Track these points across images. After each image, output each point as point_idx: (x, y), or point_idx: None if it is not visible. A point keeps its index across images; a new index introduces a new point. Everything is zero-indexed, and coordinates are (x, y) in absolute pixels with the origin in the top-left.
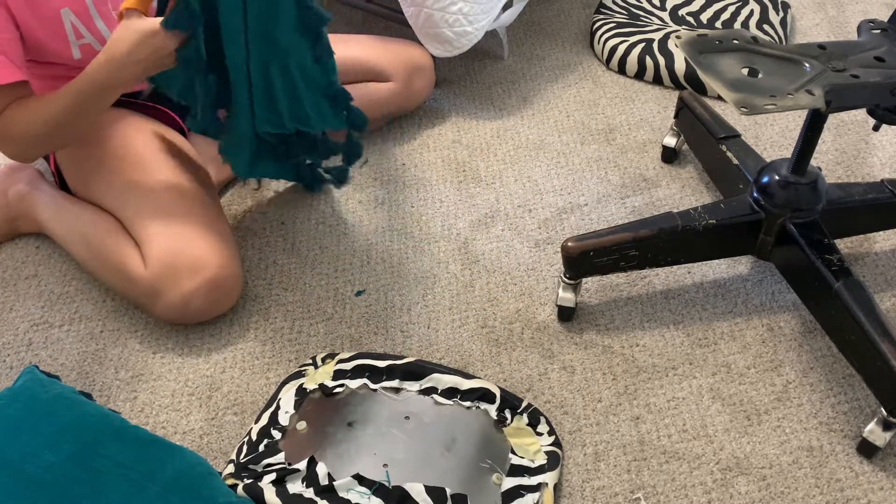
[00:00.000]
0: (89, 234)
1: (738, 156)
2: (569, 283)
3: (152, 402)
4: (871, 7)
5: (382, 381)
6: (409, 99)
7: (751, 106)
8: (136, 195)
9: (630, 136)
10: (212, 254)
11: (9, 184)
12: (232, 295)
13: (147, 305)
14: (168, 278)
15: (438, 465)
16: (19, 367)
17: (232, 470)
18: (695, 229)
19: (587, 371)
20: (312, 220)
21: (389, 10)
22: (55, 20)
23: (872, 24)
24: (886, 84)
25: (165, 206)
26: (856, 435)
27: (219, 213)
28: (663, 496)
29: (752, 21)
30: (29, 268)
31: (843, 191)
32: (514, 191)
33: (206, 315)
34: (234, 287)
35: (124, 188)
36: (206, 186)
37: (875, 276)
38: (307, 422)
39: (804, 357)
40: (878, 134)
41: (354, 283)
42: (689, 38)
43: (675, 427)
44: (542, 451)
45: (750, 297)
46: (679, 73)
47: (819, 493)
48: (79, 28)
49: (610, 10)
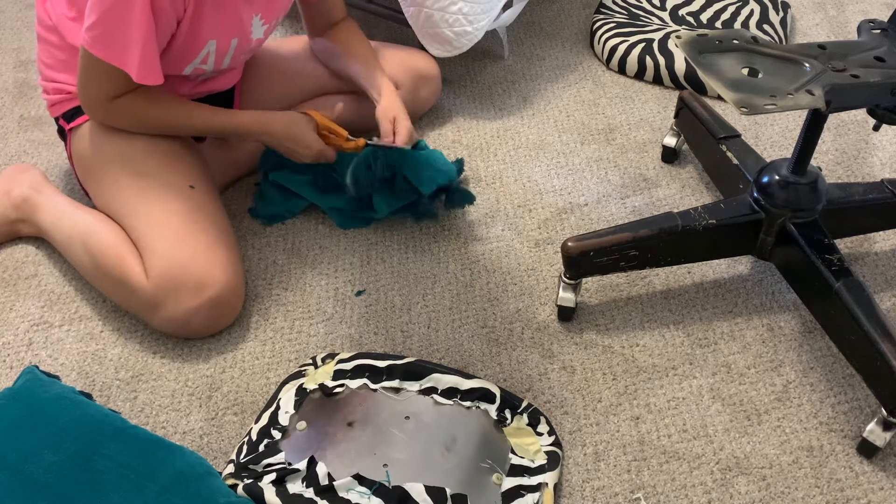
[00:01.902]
0: (90, 243)
1: (738, 156)
2: (569, 283)
3: (152, 402)
4: (871, 7)
5: (382, 381)
6: (415, 107)
7: (751, 106)
8: (143, 202)
9: (630, 136)
10: (217, 271)
11: (13, 185)
12: (234, 312)
13: (146, 317)
14: (170, 293)
15: (438, 465)
16: (19, 367)
17: (232, 470)
18: (695, 229)
19: (587, 371)
20: (312, 220)
21: (389, 10)
22: (199, 45)
23: (872, 24)
24: (886, 84)
25: (173, 217)
26: (856, 435)
27: (226, 223)
28: (663, 496)
29: (752, 21)
30: (29, 268)
31: (843, 191)
32: (514, 191)
33: (207, 332)
34: (237, 304)
35: (133, 194)
36: (214, 195)
37: (875, 276)
38: (307, 422)
39: (804, 357)
40: (878, 134)
41: (354, 283)
42: (689, 38)
43: (675, 427)
44: (542, 451)
45: (750, 297)
46: (679, 73)
47: (819, 493)
48: (209, 59)
49: (610, 10)
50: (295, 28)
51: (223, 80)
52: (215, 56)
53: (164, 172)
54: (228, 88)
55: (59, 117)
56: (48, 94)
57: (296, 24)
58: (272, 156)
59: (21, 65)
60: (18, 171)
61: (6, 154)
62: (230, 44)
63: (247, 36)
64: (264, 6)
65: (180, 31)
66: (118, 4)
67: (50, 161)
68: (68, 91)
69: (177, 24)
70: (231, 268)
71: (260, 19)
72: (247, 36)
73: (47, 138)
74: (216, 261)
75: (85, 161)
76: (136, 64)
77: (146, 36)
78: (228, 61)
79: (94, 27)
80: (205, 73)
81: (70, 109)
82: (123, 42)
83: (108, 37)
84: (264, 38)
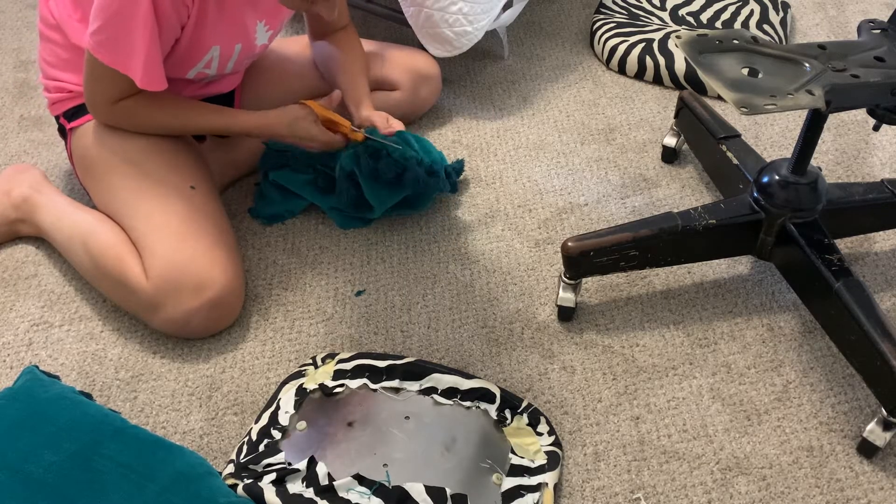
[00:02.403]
0: (90, 244)
1: (738, 156)
2: (569, 283)
3: (152, 402)
4: (871, 7)
5: (382, 381)
6: (414, 107)
7: (751, 106)
8: (143, 202)
9: (630, 136)
10: (217, 272)
11: (13, 185)
12: (233, 314)
13: (146, 317)
14: (170, 294)
15: (438, 465)
16: (19, 367)
17: (232, 470)
18: (695, 229)
19: (587, 371)
20: (312, 220)
21: (389, 10)
22: (203, 51)
23: (872, 24)
24: (886, 84)
25: (173, 217)
26: (856, 435)
27: (226, 224)
28: (663, 496)
29: (752, 21)
30: (29, 268)
31: (843, 191)
32: (514, 191)
33: (207, 332)
34: (237, 305)
35: (132, 194)
36: (214, 195)
37: (875, 276)
38: (307, 422)
39: (804, 357)
40: (878, 134)
41: (354, 283)
42: (689, 38)
43: (675, 427)
44: (542, 451)
45: (750, 297)
46: (679, 73)
47: (819, 493)
48: (213, 63)
49: (610, 10)
50: (296, 28)
51: (226, 83)
52: (219, 61)
53: (165, 172)
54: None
55: (60, 116)
56: (49, 93)
57: (295, 24)
58: (273, 156)
59: (21, 65)
60: (18, 171)
61: (6, 154)
62: (234, 49)
63: (251, 42)
64: (269, 13)
65: (184, 37)
66: (122, 10)
67: (50, 161)
68: (70, 90)
69: (181, 29)
70: (231, 268)
71: (264, 25)
72: (251, 42)
73: (47, 138)
74: (216, 262)
75: (85, 160)
76: (140, 70)
77: (150, 42)
78: (232, 66)
79: (98, 32)
80: (208, 77)
81: (71, 108)
82: (127, 48)
83: (112, 42)
84: (269, 44)
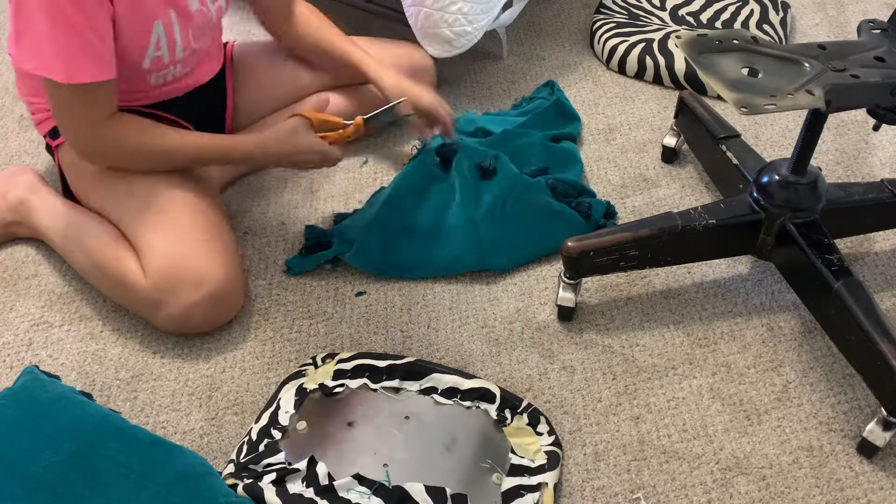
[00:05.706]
0: (87, 244)
1: (738, 156)
2: (569, 282)
3: (152, 402)
4: (871, 7)
5: (382, 381)
6: None
7: (751, 106)
8: (138, 202)
9: (630, 136)
10: (215, 267)
11: (9, 187)
12: (234, 307)
13: (147, 315)
14: (169, 290)
15: (438, 465)
16: (19, 367)
17: (232, 470)
18: (695, 229)
19: (587, 371)
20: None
21: (389, 9)
22: (146, 31)
23: (872, 24)
24: (886, 84)
25: (168, 215)
26: (856, 435)
27: (223, 221)
28: (663, 496)
29: (752, 21)
30: (29, 268)
31: (843, 191)
32: None
33: (208, 327)
34: (237, 300)
35: (126, 194)
36: (210, 194)
37: (875, 276)
38: (307, 422)
39: (804, 357)
40: (878, 134)
41: (354, 283)
42: (689, 38)
43: (675, 427)
44: (542, 451)
45: (750, 297)
46: (679, 73)
47: (819, 493)
48: (161, 43)
49: (610, 10)
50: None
51: (198, 74)
52: (166, 40)
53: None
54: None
55: (46, 135)
56: (32, 114)
57: None
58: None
59: None
60: (14, 174)
61: (6, 154)
62: (170, 17)
63: (184, 7)
64: None
65: (118, 15)
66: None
67: (49, 161)
68: (47, 109)
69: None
70: (229, 263)
71: None
72: (184, 7)
73: None
74: (214, 256)
75: (75, 172)
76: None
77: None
78: (182, 43)
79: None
80: (167, 68)
81: (54, 126)
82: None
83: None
84: (211, 14)
